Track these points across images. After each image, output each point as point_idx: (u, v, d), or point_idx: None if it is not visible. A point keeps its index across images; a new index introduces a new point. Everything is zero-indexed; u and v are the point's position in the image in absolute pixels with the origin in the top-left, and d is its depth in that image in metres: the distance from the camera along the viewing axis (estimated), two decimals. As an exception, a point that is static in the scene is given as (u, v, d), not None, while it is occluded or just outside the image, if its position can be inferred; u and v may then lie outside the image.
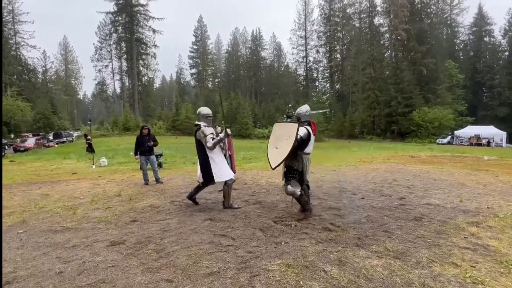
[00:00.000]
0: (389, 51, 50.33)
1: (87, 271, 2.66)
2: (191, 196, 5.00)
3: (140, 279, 2.49)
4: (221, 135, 4.69)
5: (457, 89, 43.90)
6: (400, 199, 5.40)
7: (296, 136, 3.92)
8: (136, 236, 3.53)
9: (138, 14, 56.95)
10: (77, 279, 2.51)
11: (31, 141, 27.94)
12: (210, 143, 4.48)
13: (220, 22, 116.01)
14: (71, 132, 44.67)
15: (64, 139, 37.17)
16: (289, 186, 4.19)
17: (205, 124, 4.74)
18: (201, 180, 4.83)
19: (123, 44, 58.85)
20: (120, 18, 56.79)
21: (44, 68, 63.16)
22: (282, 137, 4.13)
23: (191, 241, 3.33)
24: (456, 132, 35.60)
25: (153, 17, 57.03)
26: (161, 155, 10.70)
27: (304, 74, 66.19)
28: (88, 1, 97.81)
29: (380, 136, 42.05)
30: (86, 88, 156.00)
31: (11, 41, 49.86)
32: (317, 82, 67.74)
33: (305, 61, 65.20)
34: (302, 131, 4.13)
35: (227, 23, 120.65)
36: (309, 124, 4.30)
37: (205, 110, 4.91)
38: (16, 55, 50.36)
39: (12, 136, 27.57)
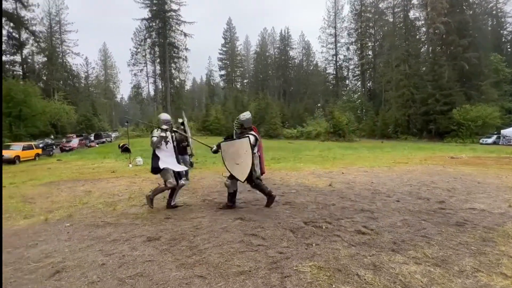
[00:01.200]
0: (426, 46, 47.41)
1: (127, 264, 2.81)
2: (169, 204, 4.99)
3: (175, 274, 2.59)
4: (163, 133, 4.91)
5: (504, 85, 40.22)
6: (440, 202, 5.08)
7: (252, 149, 4.59)
8: (170, 233, 3.67)
9: (171, 19, 59.16)
10: (118, 271, 2.67)
11: (75, 142, 30.26)
12: (152, 142, 4.83)
13: (249, 23, 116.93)
14: (110, 133, 47.59)
15: (104, 139, 39.75)
16: (228, 181, 4.78)
17: (163, 127, 5.01)
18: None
19: (156, 49, 61.51)
20: (154, 24, 59.45)
21: (86, 74, 68.06)
22: (239, 153, 4.63)
23: (223, 240, 3.39)
24: (503, 131, 32.60)
25: (185, 21, 59.02)
26: (192, 155, 11.00)
27: (334, 73, 64.60)
28: (126, 9, 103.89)
29: (416, 136, 39.75)
30: (123, 91, 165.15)
31: (58, 50, 54.23)
32: (347, 81, 65.79)
33: (334, 59, 63.61)
34: (252, 139, 4.66)
35: (256, 24, 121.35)
36: (251, 129, 4.84)
37: (163, 116, 5.30)
38: (63, 62, 54.64)
39: (52, 137, 30.09)
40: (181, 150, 7.74)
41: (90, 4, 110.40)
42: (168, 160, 4.85)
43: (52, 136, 30.60)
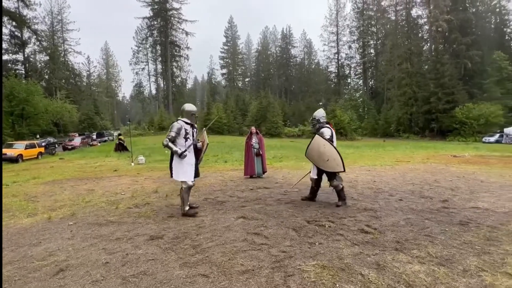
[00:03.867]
0: (428, 44, 47.21)
1: (130, 263, 2.81)
2: (189, 210, 4.46)
3: (178, 273, 2.59)
4: (178, 149, 4.23)
5: (507, 83, 39.91)
6: (443, 201, 5.06)
7: (328, 140, 4.68)
8: (173, 232, 3.67)
9: (172, 18, 59.20)
10: (121, 269, 2.68)
11: (77, 140, 30.34)
12: (165, 140, 4.21)
13: (251, 22, 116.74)
14: (112, 132, 47.72)
15: (106, 138, 39.81)
16: (334, 181, 4.79)
17: (187, 121, 4.41)
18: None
19: (158, 47, 61.66)
20: (155, 23, 59.52)
21: (88, 72, 68.16)
22: (320, 151, 4.67)
23: (226, 238, 3.39)
24: (506, 130, 32.41)
25: (186, 20, 59.05)
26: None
27: (336, 71, 64.45)
28: (127, 8, 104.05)
29: (418, 135, 39.66)
30: (125, 90, 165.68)
31: (60, 48, 54.31)
32: (349, 79, 65.66)
33: (336, 57, 63.45)
34: (327, 132, 4.80)
35: (257, 23, 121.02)
36: (327, 123, 4.99)
37: (189, 106, 4.53)
38: (64, 61, 54.70)
39: (38, 136, 29.97)
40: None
41: (91, 2, 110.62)
42: (186, 161, 4.34)
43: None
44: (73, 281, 2.49)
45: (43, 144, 22.41)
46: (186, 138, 4.32)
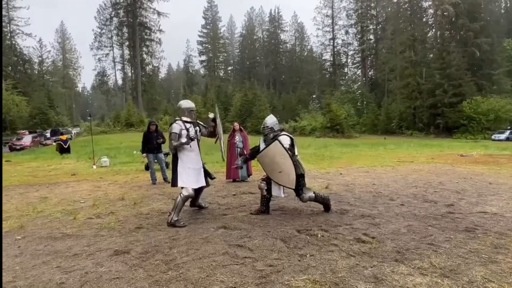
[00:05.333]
0: (433, 30, 48.66)
1: (90, 282, 2.76)
2: (194, 204, 5.17)
3: (148, 293, 2.56)
4: (183, 140, 4.45)
5: (517, 74, 41.84)
6: (448, 206, 5.24)
7: (287, 151, 4.55)
8: (142, 245, 3.63)
9: (141, -5, 58.13)
10: (79, 291, 2.62)
11: (27, 139, 29.39)
12: (172, 150, 4.53)
13: (234, 1, 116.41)
14: (70, 129, 46.48)
15: (63, 136, 38.74)
16: (303, 195, 4.72)
17: (187, 119, 4.64)
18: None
19: (125, 30, 60.40)
20: (121, 0, 58.18)
21: (40, 58, 66.04)
22: (276, 160, 4.60)
23: (203, 252, 3.38)
24: (517, 126, 34.00)
25: (158, -2, 58.08)
26: (167, 154, 10.91)
27: (331, 59, 65.30)
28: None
29: (422, 131, 40.79)
30: (85, 80, 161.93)
31: (5, 29, 52.32)
32: (346, 68, 66.70)
33: (332, 44, 64.27)
34: (285, 140, 4.69)
35: (241, 2, 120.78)
36: (282, 131, 4.98)
37: (185, 103, 4.82)
38: (11, 44, 52.82)
39: None
40: (157, 147, 7.80)
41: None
42: (191, 166, 4.58)
43: None
44: (20, 306, 2.41)
45: (-16, 143, 21.56)
46: (191, 139, 4.52)
